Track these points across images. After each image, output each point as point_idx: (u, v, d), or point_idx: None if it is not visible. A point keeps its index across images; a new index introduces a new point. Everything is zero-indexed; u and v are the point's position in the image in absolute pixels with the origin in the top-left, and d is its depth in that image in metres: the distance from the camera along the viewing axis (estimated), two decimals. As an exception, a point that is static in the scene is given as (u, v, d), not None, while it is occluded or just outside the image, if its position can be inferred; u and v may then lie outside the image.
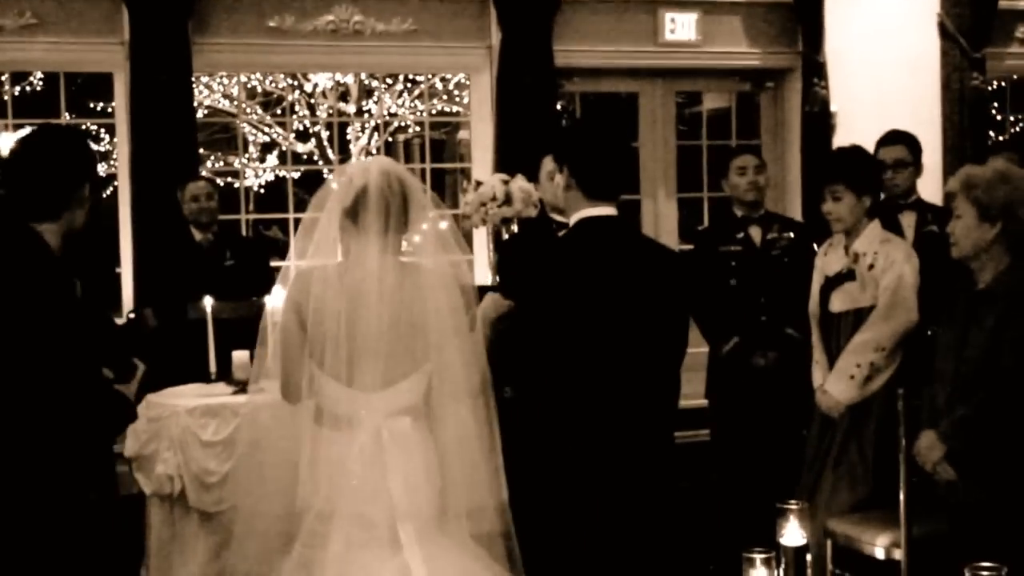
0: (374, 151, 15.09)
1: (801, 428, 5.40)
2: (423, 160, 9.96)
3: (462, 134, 11.47)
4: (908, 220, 5.67)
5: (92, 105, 12.82)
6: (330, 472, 3.34)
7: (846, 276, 5.02)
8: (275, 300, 5.52)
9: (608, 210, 3.84)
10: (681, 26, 8.21)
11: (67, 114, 8.20)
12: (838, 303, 5.06)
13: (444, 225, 3.54)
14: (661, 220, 8.53)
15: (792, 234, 5.96)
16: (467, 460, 3.39)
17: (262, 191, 15.86)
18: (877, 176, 5.32)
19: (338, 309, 3.30)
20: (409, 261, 3.44)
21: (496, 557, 3.41)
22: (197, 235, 6.59)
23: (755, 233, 5.93)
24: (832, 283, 5.08)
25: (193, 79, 7.48)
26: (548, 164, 5.40)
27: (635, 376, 3.80)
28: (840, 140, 8.16)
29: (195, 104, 7.66)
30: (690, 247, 6.82)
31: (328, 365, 3.33)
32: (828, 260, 5.15)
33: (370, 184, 3.35)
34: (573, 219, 3.86)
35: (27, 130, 4.08)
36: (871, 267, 4.93)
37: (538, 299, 3.81)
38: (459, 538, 3.38)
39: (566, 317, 3.75)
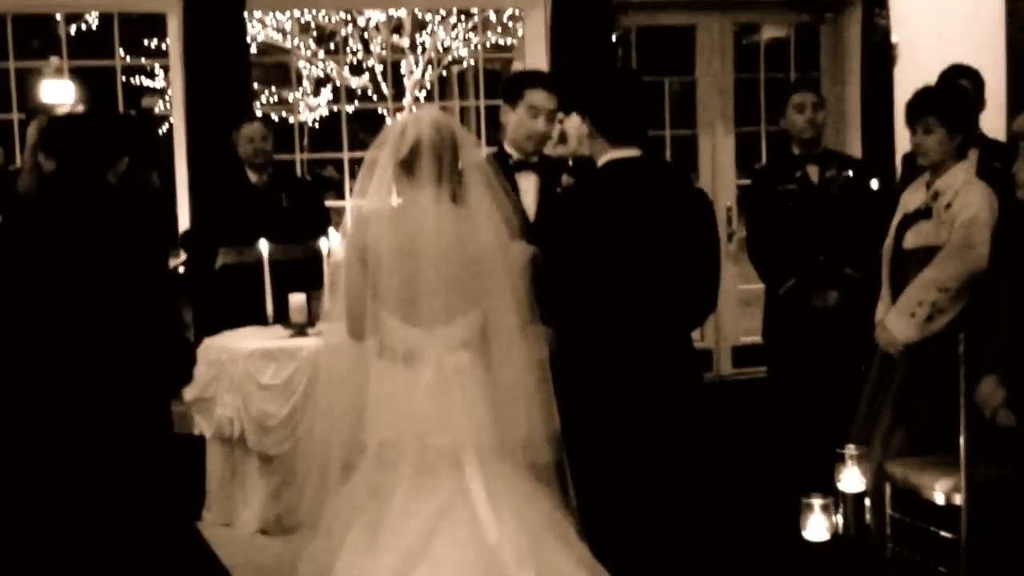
0: (428, 85, 15.04)
1: (858, 371, 5.34)
2: (477, 96, 9.88)
3: (516, 65, 11.39)
4: (970, 156, 5.54)
5: (147, 43, 12.85)
6: (396, 404, 3.55)
7: (923, 213, 4.90)
8: (333, 243, 5.58)
9: (632, 152, 3.98)
10: (739, -44, 8.09)
11: (121, 50, 8.19)
12: (911, 240, 4.91)
13: (483, 153, 3.71)
14: (719, 155, 8.44)
15: (851, 172, 5.85)
16: (521, 393, 3.59)
17: (316, 126, 15.87)
18: (973, 118, 5.16)
19: (397, 251, 3.50)
20: (461, 205, 3.60)
21: (549, 484, 3.65)
22: (252, 177, 6.57)
23: (813, 172, 5.83)
24: (909, 220, 4.95)
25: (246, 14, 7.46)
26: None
27: (666, 304, 3.95)
28: (902, 71, 8.04)
29: (248, 40, 7.62)
30: (747, 182, 6.75)
31: (390, 304, 3.54)
32: (910, 197, 5.01)
33: (423, 137, 3.54)
34: (600, 162, 4.00)
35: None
36: (948, 206, 4.80)
37: (569, 240, 3.93)
38: (516, 466, 3.59)
39: (598, 255, 3.90)
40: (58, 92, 6.23)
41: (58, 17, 8.36)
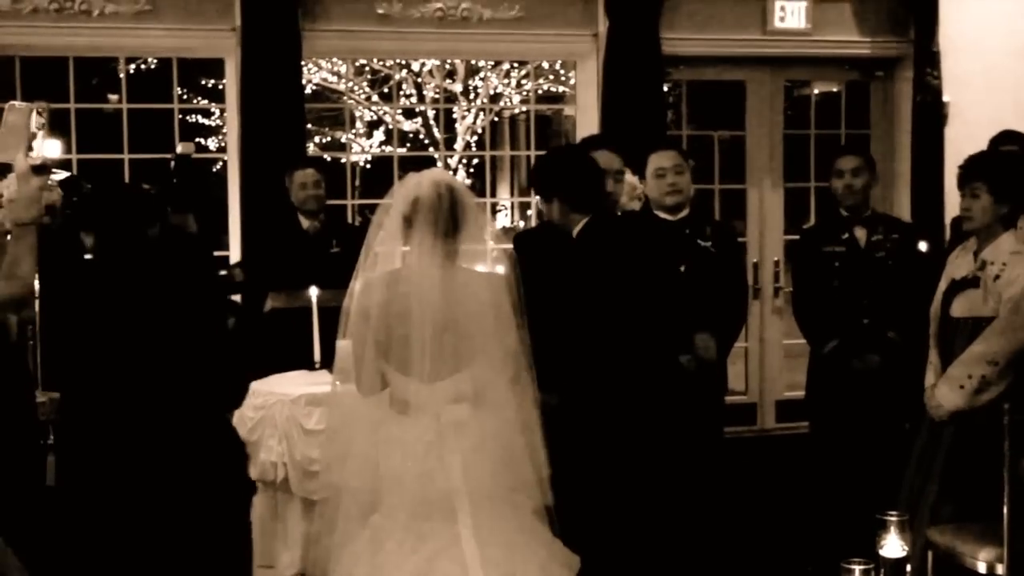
0: (479, 130, 15.15)
1: (900, 433, 5.33)
2: (528, 146, 9.95)
3: (568, 110, 11.47)
4: (1020, 222, 5.54)
5: (204, 82, 13.04)
6: (397, 452, 3.67)
7: (970, 282, 4.90)
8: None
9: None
10: (791, 14, 8.12)
11: (179, 88, 8.32)
12: (959, 308, 4.91)
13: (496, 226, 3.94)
14: (767, 209, 8.47)
15: (898, 235, 5.86)
16: (514, 442, 3.71)
17: (368, 167, 16.03)
18: (1022, 188, 5.16)
19: (395, 310, 3.62)
20: (460, 265, 3.72)
21: (543, 532, 3.75)
22: (304, 223, 6.62)
23: (860, 234, 5.83)
24: (956, 287, 4.95)
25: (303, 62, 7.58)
26: (654, 161, 5.38)
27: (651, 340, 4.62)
28: (953, 131, 8.04)
29: (304, 83, 7.70)
30: (795, 238, 6.76)
31: (392, 359, 3.66)
32: (957, 263, 5.01)
33: (421, 196, 3.66)
34: (576, 229, 4.72)
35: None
36: (997, 277, 4.79)
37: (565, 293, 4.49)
38: (513, 513, 3.70)
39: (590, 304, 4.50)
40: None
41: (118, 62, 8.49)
